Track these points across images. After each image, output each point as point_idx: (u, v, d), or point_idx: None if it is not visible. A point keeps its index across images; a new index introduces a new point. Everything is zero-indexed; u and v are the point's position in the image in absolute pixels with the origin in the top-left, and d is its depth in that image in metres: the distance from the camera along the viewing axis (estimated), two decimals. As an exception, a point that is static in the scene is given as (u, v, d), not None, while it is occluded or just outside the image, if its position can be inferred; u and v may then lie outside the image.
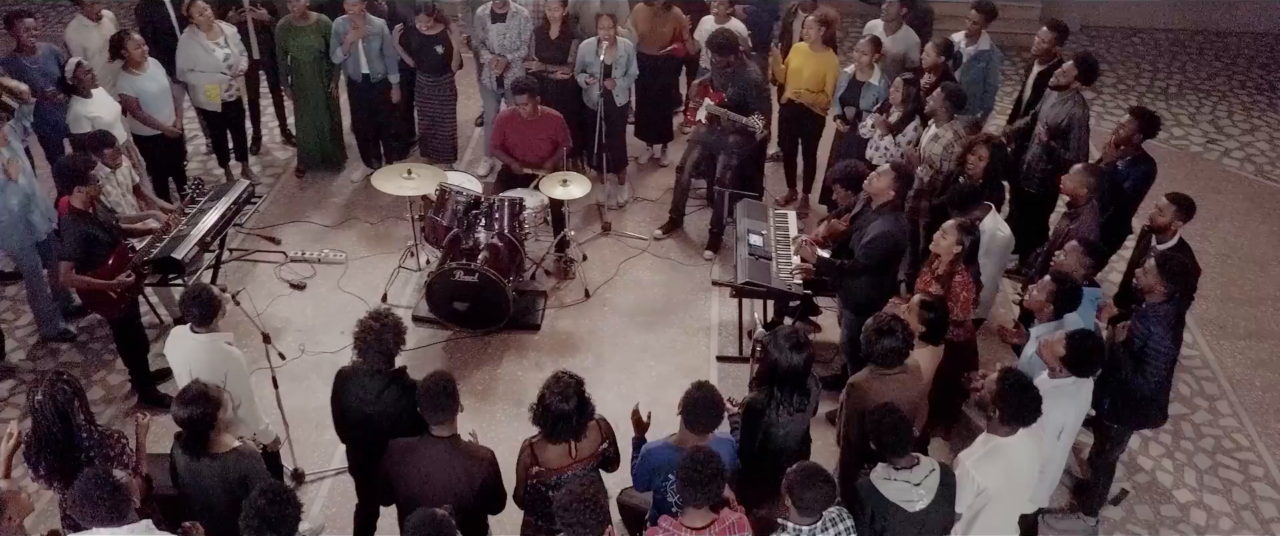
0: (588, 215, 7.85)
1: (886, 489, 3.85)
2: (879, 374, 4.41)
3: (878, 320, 4.40)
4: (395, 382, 4.31)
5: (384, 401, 4.29)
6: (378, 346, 4.23)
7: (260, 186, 8.21)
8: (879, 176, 5.47)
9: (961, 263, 5.10)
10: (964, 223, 5.08)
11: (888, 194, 5.43)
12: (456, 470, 4.00)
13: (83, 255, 5.34)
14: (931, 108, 6.32)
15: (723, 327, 6.77)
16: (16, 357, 6.40)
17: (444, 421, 3.99)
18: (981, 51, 7.31)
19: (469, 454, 4.06)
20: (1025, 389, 3.97)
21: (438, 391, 3.95)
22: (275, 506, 3.40)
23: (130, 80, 6.89)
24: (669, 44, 7.96)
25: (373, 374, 4.31)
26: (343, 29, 7.52)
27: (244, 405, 4.60)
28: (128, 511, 3.46)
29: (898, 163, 5.62)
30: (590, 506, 3.46)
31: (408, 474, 4.04)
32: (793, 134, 7.82)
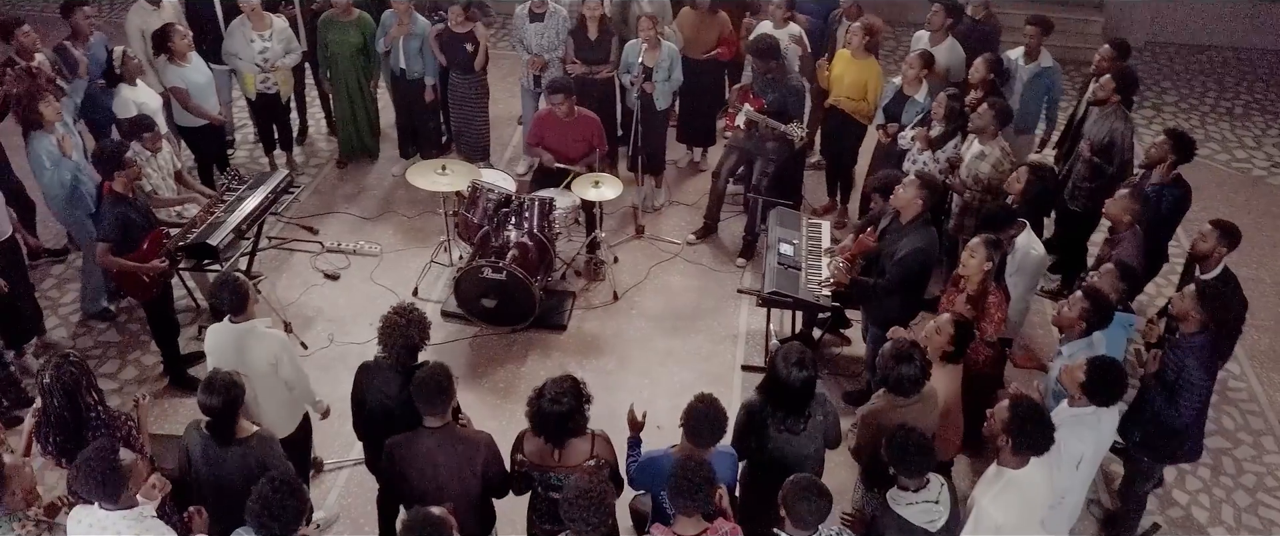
0: (623, 217, 7.82)
1: (909, 513, 3.76)
2: (893, 402, 4.30)
3: (896, 346, 4.29)
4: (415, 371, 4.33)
5: (406, 396, 4.30)
6: (402, 341, 4.27)
7: (302, 176, 8.34)
8: (905, 188, 5.35)
9: (992, 280, 4.97)
10: (991, 239, 4.94)
11: (915, 206, 5.31)
12: (457, 458, 4.00)
13: (119, 238, 5.46)
14: (978, 124, 6.15)
15: (750, 336, 6.69)
16: (57, 334, 6.57)
17: (436, 412, 4.00)
18: (1044, 68, 7.12)
19: (465, 440, 4.05)
20: (1036, 417, 3.84)
21: (431, 383, 3.96)
22: (280, 495, 3.44)
23: (178, 72, 7.03)
24: (714, 48, 7.90)
25: (395, 369, 4.33)
26: (389, 22, 7.60)
27: (298, 383, 4.70)
28: (122, 491, 3.51)
29: (924, 172, 5.48)
30: (595, 504, 3.44)
31: (410, 469, 4.05)
32: (835, 142, 7.71)
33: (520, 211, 6.51)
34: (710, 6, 7.79)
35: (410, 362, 4.33)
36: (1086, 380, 4.14)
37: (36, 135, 5.87)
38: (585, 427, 4.11)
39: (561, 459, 4.08)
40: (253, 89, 7.73)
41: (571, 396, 3.97)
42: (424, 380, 3.96)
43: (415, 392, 3.97)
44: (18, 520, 3.57)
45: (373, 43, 7.75)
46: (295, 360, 4.74)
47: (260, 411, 4.67)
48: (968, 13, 7.66)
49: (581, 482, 3.54)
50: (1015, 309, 5.40)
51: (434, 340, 6.46)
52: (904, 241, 5.32)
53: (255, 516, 3.42)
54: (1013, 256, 5.38)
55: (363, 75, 7.90)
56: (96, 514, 3.56)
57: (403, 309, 4.36)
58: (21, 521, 3.57)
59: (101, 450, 3.50)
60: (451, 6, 7.48)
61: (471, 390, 6.24)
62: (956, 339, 4.50)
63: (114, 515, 3.55)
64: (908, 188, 5.35)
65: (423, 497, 4.05)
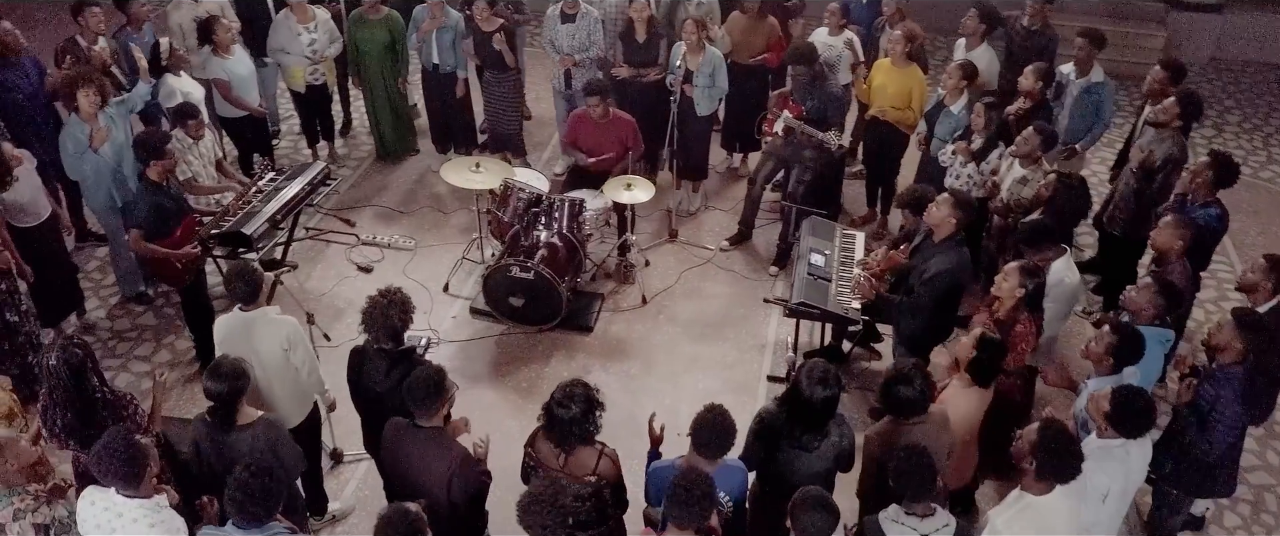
0: (659, 220, 7.77)
1: (891, 530, 3.66)
2: (897, 425, 4.19)
3: (897, 367, 4.19)
4: (403, 361, 4.36)
5: (392, 380, 4.34)
6: (383, 322, 4.29)
7: (343, 169, 8.44)
8: (938, 206, 5.21)
9: (1025, 309, 4.81)
10: (1028, 266, 4.78)
11: (948, 225, 5.18)
12: (434, 463, 4.00)
13: (151, 224, 5.56)
14: (1021, 149, 5.96)
15: (778, 346, 6.60)
16: (96, 315, 6.72)
17: (425, 412, 3.99)
18: (1094, 84, 6.89)
19: (441, 448, 4.03)
20: (1065, 443, 3.70)
21: (424, 383, 3.96)
22: (259, 480, 3.46)
23: (221, 63, 7.14)
24: (762, 53, 7.81)
25: (381, 352, 4.36)
26: (422, 17, 7.65)
27: (308, 370, 4.74)
28: (144, 474, 3.56)
29: (955, 190, 5.33)
30: (548, 507, 3.42)
31: (396, 456, 4.08)
32: (876, 152, 7.58)
33: (550, 212, 6.50)
34: (759, 11, 7.71)
35: (393, 345, 4.35)
36: (1112, 410, 3.99)
37: (72, 120, 6.01)
38: (593, 438, 4.06)
39: (566, 465, 4.04)
40: (301, 81, 7.83)
41: (580, 402, 3.93)
42: (417, 380, 3.96)
43: (407, 391, 3.97)
44: (17, 494, 3.63)
45: (402, 40, 7.79)
46: (307, 345, 4.78)
47: (274, 400, 4.72)
48: (1023, 23, 7.45)
49: (539, 487, 3.52)
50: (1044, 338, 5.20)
51: (461, 336, 6.62)
52: (934, 261, 5.19)
53: (234, 503, 3.45)
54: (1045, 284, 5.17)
55: (392, 73, 7.95)
56: (111, 497, 3.61)
57: (386, 291, 4.39)
58: (21, 495, 3.63)
59: (118, 435, 3.55)
60: (476, 3, 7.49)
61: (494, 388, 6.25)
62: (981, 359, 4.36)
63: (131, 502, 3.59)
64: (940, 206, 5.22)
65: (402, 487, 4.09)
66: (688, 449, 4.03)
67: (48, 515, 3.64)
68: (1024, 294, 4.72)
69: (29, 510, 3.63)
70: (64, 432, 4.09)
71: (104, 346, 6.47)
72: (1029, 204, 5.85)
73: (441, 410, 4.07)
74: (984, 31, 7.15)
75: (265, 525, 3.54)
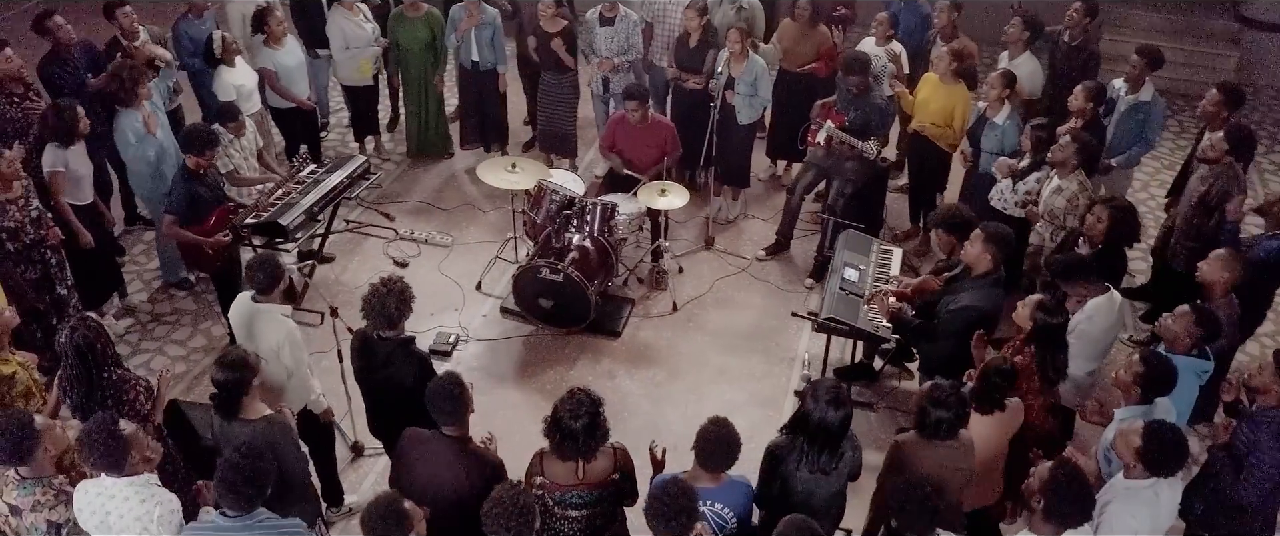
0: (696, 227, 7.70)
1: None
2: (926, 440, 4.07)
3: (935, 388, 4.05)
4: (400, 349, 4.37)
5: (389, 367, 4.37)
6: (380, 310, 4.33)
7: (387, 162, 8.52)
8: (972, 242, 5.04)
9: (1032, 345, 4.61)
10: (1048, 302, 4.59)
11: (984, 262, 5.00)
12: (459, 473, 3.97)
13: (186, 211, 5.68)
14: (1057, 157, 5.77)
15: (809, 361, 6.48)
16: (138, 298, 6.88)
17: (449, 422, 3.96)
18: (1142, 102, 6.64)
19: (476, 459, 4.01)
20: (1076, 488, 3.55)
21: (443, 393, 3.93)
22: (249, 462, 3.49)
23: (270, 54, 7.27)
24: (810, 62, 7.70)
25: (380, 339, 4.39)
26: (459, 15, 7.68)
27: (296, 374, 4.74)
28: (123, 461, 3.60)
29: (989, 225, 5.11)
30: (511, 512, 3.41)
31: (416, 467, 4.04)
32: (920, 167, 7.41)
33: (582, 215, 6.47)
34: (810, 19, 7.59)
35: (392, 334, 4.37)
36: (1143, 445, 3.79)
37: (124, 112, 6.15)
38: (608, 436, 4.02)
39: (586, 476, 3.99)
40: (370, 73, 7.96)
41: (588, 408, 3.89)
42: (435, 390, 3.95)
43: (429, 403, 3.95)
44: (41, 485, 3.70)
45: (442, 37, 7.83)
46: (299, 353, 4.76)
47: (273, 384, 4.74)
48: (1064, 39, 7.22)
49: (501, 493, 3.49)
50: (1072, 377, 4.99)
51: (490, 335, 6.64)
52: (964, 295, 5.03)
53: (223, 483, 3.48)
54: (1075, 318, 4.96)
55: (431, 71, 8.00)
56: (102, 482, 3.67)
57: (389, 279, 4.43)
58: (44, 488, 3.70)
59: (101, 422, 3.60)
60: (542, 3, 7.49)
61: (519, 388, 6.24)
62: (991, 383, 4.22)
63: (121, 482, 3.65)
64: (975, 242, 5.04)
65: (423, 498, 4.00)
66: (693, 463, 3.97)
67: (63, 515, 3.70)
68: (1032, 327, 4.54)
69: (47, 505, 3.69)
70: (74, 409, 4.18)
71: (143, 329, 6.63)
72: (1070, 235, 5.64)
73: (467, 418, 4.04)
74: (1027, 40, 6.94)
75: (252, 512, 3.54)
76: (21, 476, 3.70)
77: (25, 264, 5.51)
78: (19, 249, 5.43)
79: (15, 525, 3.75)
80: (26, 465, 3.68)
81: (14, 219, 5.34)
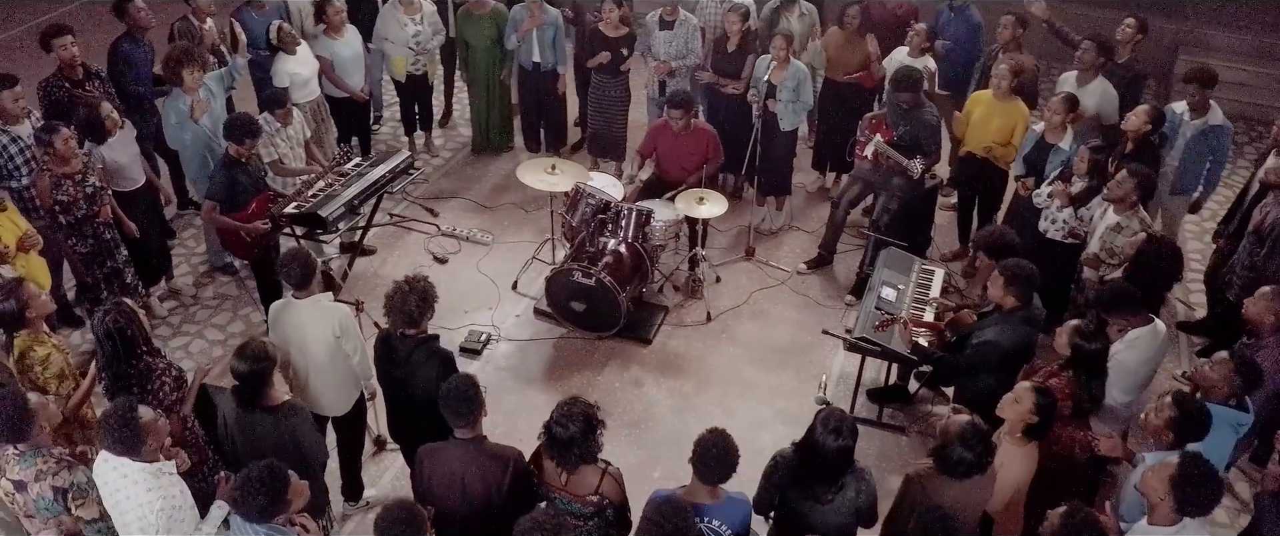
0: (737, 236, 7.59)
1: None
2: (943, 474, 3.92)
3: (960, 427, 3.87)
4: (421, 348, 4.38)
5: (411, 365, 4.37)
6: (401, 308, 4.33)
7: (437, 159, 8.58)
8: (992, 283, 4.90)
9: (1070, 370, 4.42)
10: (1085, 327, 4.40)
11: (1007, 301, 4.84)
12: (481, 471, 3.94)
13: (225, 197, 5.78)
14: (1115, 193, 5.51)
15: (842, 380, 6.33)
16: (184, 281, 7.03)
17: (464, 424, 3.94)
18: (1212, 127, 6.34)
19: (493, 454, 3.97)
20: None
21: (457, 394, 3.91)
22: (265, 479, 3.49)
23: (328, 43, 7.37)
24: (856, 72, 7.54)
25: (402, 337, 4.39)
26: (520, 16, 7.68)
27: (360, 355, 4.81)
28: (140, 445, 3.65)
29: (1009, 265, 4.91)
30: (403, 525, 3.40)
31: (436, 479, 4.01)
32: (972, 187, 7.19)
33: (617, 219, 6.42)
34: (858, 28, 7.43)
35: (414, 332, 4.37)
36: (1177, 473, 3.58)
37: (174, 93, 6.29)
38: (595, 457, 3.96)
39: (568, 483, 3.95)
40: (403, 71, 8.00)
41: (579, 421, 3.82)
42: (449, 391, 3.93)
43: (442, 404, 3.94)
44: (41, 455, 3.78)
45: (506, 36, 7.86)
46: (357, 333, 4.84)
47: (321, 389, 4.81)
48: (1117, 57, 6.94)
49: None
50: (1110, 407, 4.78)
51: (521, 335, 6.63)
52: (989, 330, 4.87)
53: (237, 492, 3.49)
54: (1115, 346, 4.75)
55: (497, 67, 8.02)
56: (121, 460, 3.73)
57: (413, 278, 4.42)
58: (45, 457, 3.78)
59: (120, 407, 3.66)
60: (604, 4, 7.45)
61: (545, 390, 6.22)
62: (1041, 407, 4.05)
63: (134, 465, 3.71)
64: (995, 283, 4.88)
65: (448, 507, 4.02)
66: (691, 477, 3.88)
67: (67, 479, 3.78)
68: (1069, 355, 4.36)
69: (50, 473, 3.77)
70: (104, 392, 4.26)
71: (185, 311, 6.78)
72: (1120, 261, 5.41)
73: (481, 418, 4.03)
74: (1100, 66, 6.66)
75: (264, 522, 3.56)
76: (20, 451, 3.78)
77: (76, 237, 5.68)
78: (70, 222, 5.59)
79: (21, 501, 3.83)
80: (23, 441, 3.76)
81: (67, 193, 5.50)
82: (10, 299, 4.34)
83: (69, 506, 3.80)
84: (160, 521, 3.64)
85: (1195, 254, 7.54)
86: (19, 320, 4.38)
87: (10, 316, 4.36)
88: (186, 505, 3.78)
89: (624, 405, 6.12)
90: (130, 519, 3.74)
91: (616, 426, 5.97)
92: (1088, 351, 4.34)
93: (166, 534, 3.68)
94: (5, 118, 5.85)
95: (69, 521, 3.85)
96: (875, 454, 5.86)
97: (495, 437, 5.00)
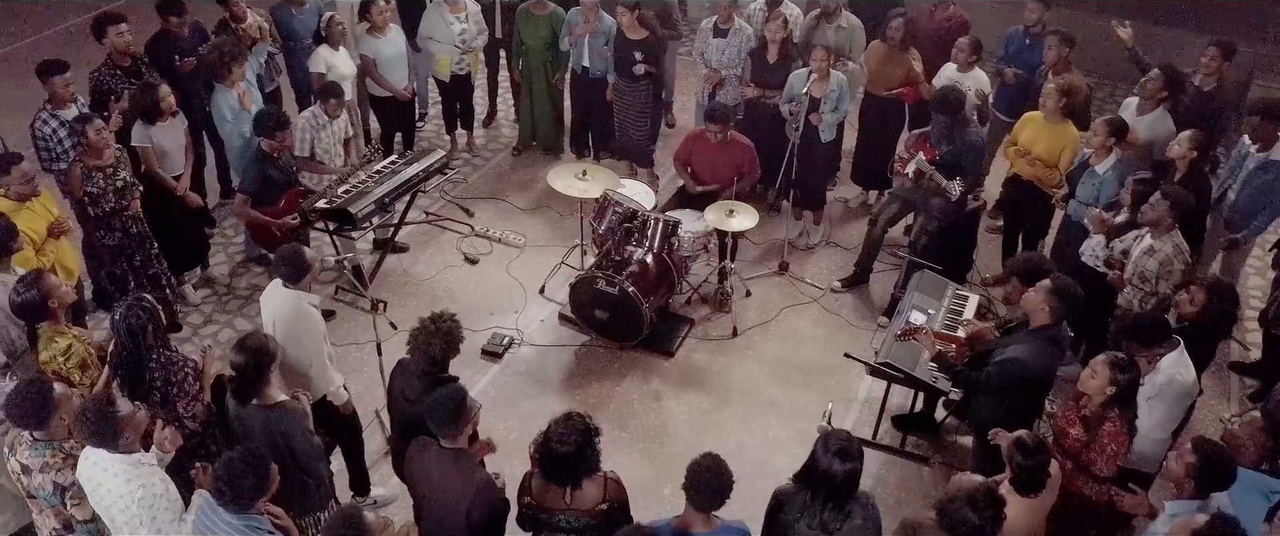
0: (771, 250, 7.44)
1: None
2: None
3: (972, 488, 3.68)
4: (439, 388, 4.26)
5: (424, 404, 4.26)
6: (425, 349, 4.23)
7: (478, 158, 8.59)
8: (1035, 290, 4.66)
9: (1116, 407, 4.22)
10: (1120, 360, 4.18)
11: (1042, 313, 4.63)
12: (452, 484, 3.90)
13: (257, 191, 5.85)
14: (1150, 216, 5.26)
15: (868, 404, 6.16)
16: (219, 271, 7.14)
17: (447, 434, 3.90)
18: (1273, 161, 6.00)
19: (466, 475, 3.92)
20: None
21: (443, 405, 3.87)
22: (244, 467, 3.49)
23: (372, 42, 7.42)
24: (898, 87, 7.33)
25: (424, 374, 4.30)
26: (575, 20, 7.65)
27: (315, 364, 4.78)
28: (117, 438, 3.68)
29: (1061, 279, 4.71)
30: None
31: (417, 474, 4.02)
32: (1018, 211, 6.94)
33: (643, 229, 6.33)
34: (901, 42, 7.23)
35: (432, 371, 4.28)
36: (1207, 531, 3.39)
37: (220, 89, 6.38)
38: (598, 468, 3.89)
39: (573, 501, 3.88)
40: (447, 70, 8.02)
41: (578, 434, 3.76)
42: (437, 401, 3.89)
43: (428, 412, 3.90)
44: (52, 448, 3.83)
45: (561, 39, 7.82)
46: (320, 343, 4.78)
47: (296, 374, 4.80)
48: (1195, 82, 6.60)
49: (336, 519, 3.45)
50: (1150, 441, 4.55)
51: (544, 341, 6.59)
52: (1013, 346, 4.67)
53: (216, 481, 3.48)
54: (1153, 379, 4.53)
55: (551, 70, 8.00)
56: (100, 453, 3.76)
57: (439, 317, 4.30)
58: (53, 451, 3.83)
59: (97, 402, 3.70)
60: (619, 9, 7.39)
61: (562, 397, 6.17)
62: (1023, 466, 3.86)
63: (114, 457, 3.74)
64: (1038, 291, 4.67)
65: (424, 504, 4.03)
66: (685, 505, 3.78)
67: (69, 478, 3.83)
68: (1115, 392, 4.14)
69: (54, 468, 3.83)
70: (121, 386, 4.30)
71: (218, 300, 6.88)
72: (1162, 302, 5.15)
73: (464, 431, 3.98)
74: (1164, 98, 6.34)
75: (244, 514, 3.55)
76: (35, 438, 3.84)
77: (104, 229, 5.78)
78: (99, 215, 5.70)
79: (26, 484, 3.90)
80: (42, 430, 3.82)
81: (98, 185, 5.61)
82: (32, 289, 4.40)
83: (66, 503, 3.85)
84: (142, 512, 3.66)
85: (1255, 290, 7.18)
86: (41, 311, 4.44)
87: (32, 307, 4.41)
88: (168, 495, 3.78)
89: (640, 418, 6.03)
90: (114, 511, 3.76)
91: (631, 439, 5.89)
92: (1129, 383, 4.14)
93: (150, 524, 3.70)
94: (55, 102, 6.00)
95: (67, 514, 3.91)
96: (895, 483, 5.69)
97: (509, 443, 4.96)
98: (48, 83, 5.92)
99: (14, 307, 4.47)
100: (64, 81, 5.97)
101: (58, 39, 10.13)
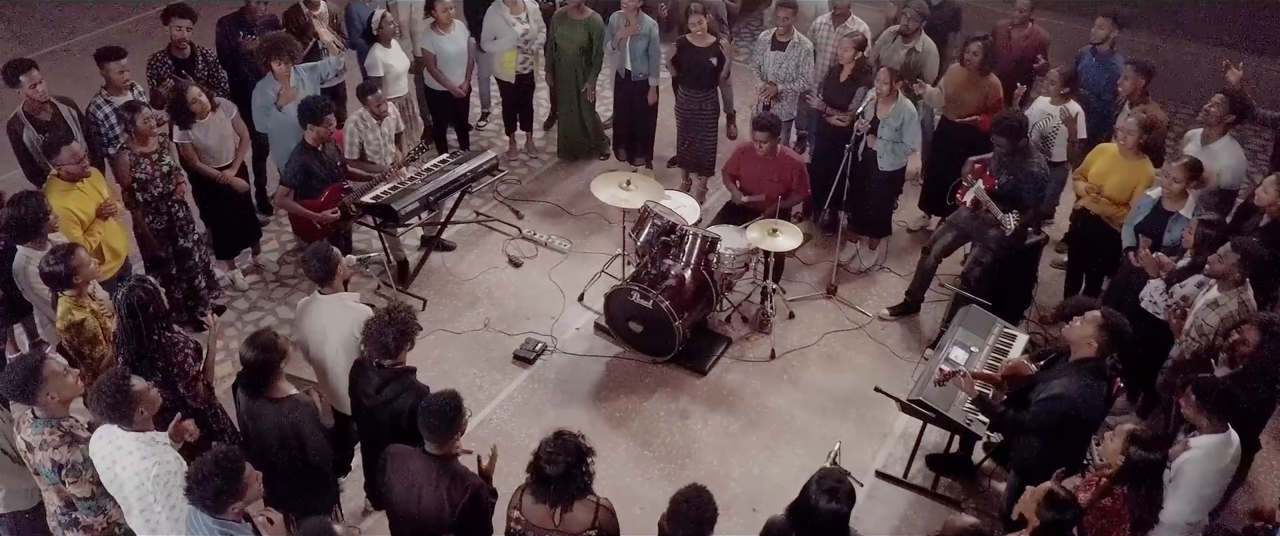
0: (822, 272, 7.21)
1: None
2: None
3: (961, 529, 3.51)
4: (395, 381, 4.26)
5: (382, 397, 4.27)
6: (377, 339, 4.20)
7: (534, 160, 8.57)
8: (1084, 322, 4.38)
9: (1124, 484, 3.91)
10: (1143, 434, 3.88)
11: (1087, 345, 4.35)
12: (439, 489, 3.85)
13: (299, 184, 5.91)
14: (1218, 268, 4.88)
15: (903, 440, 5.90)
16: (268, 258, 7.25)
17: (435, 440, 3.84)
18: None
19: (457, 476, 3.87)
20: None
21: (437, 411, 3.82)
22: (218, 468, 3.46)
23: (434, 38, 7.46)
24: (974, 113, 7.03)
25: (377, 367, 4.28)
26: (616, 23, 7.56)
27: None
28: (132, 413, 3.73)
29: (1110, 313, 4.43)
30: None
31: (396, 482, 3.96)
32: (1084, 247, 6.57)
33: (681, 243, 6.19)
34: (980, 67, 6.92)
35: (388, 363, 4.24)
36: None
37: (265, 80, 6.49)
38: (589, 489, 3.79)
39: (562, 523, 3.79)
40: (512, 70, 8.02)
41: (570, 453, 3.67)
42: (431, 406, 3.84)
43: (422, 417, 3.85)
44: (50, 426, 3.91)
45: (599, 44, 7.74)
46: None
47: (335, 386, 4.80)
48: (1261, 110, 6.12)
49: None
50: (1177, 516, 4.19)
51: (576, 350, 6.52)
52: (1057, 382, 4.39)
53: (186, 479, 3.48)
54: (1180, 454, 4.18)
55: (582, 75, 7.92)
56: (114, 431, 3.83)
57: (394, 308, 4.29)
58: (52, 429, 3.91)
59: (113, 377, 3.76)
60: (692, 16, 7.26)
61: (587, 409, 6.08)
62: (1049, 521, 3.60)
63: (128, 435, 3.80)
64: (1086, 323, 4.39)
65: (401, 514, 3.99)
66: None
67: (66, 456, 3.89)
68: (1124, 463, 3.85)
69: (52, 445, 3.90)
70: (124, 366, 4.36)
71: (264, 287, 7.00)
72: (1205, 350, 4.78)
73: (456, 438, 3.93)
74: (1229, 123, 5.93)
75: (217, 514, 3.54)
76: (35, 416, 3.92)
77: (152, 214, 5.92)
78: (146, 200, 5.84)
79: (30, 461, 3.99)
80: (33, 405, 3.89)
81: (145, 171, 5.75)
82: (61, 263, 4.54)
83: (63, 480, 3.92)
84: (157, 489, 3.71)
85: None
86: (65, 282, 4.57)
87: (57, 278, 4.56)
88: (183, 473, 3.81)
89: (664, 437, 5.90)
90: (129, 489, 3.82)
91: (652, 458, 5.76)
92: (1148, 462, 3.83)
93: (165, 500, 3.74)
94: (110, 88, 6.18)
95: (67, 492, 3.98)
96: (923, 526, 5.42)
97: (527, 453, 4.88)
98: (104, 68, 6.10)
99: (42, 275, 4.64)
100: (119, 68, 6.14)
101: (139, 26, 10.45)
